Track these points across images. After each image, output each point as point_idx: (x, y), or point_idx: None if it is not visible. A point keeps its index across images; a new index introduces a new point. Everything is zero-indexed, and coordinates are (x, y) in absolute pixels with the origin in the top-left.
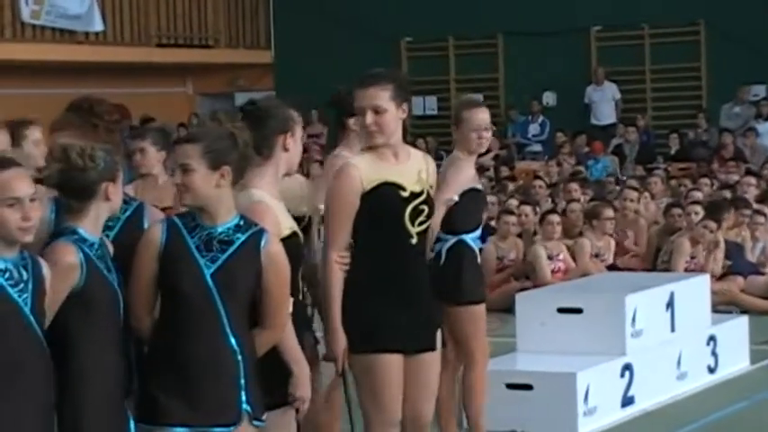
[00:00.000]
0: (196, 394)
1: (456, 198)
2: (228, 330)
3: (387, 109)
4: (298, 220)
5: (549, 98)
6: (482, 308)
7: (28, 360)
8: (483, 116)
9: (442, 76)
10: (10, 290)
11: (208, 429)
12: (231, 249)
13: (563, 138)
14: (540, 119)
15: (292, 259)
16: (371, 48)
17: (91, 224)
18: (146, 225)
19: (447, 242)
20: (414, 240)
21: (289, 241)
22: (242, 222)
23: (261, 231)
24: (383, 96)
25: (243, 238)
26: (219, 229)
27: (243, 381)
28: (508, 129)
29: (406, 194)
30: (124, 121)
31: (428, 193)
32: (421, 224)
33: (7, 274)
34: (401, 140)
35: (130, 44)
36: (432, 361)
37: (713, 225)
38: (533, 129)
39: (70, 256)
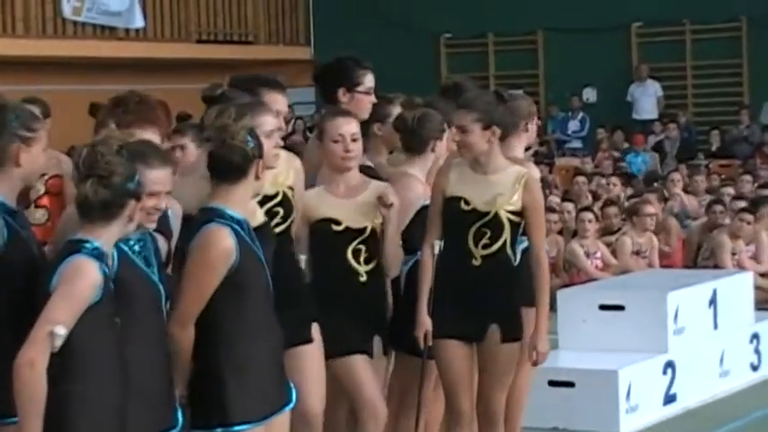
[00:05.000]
0: (270, 384)
1: None
2: (276, 315)
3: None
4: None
5: (589, 94)
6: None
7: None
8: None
9: (482, 72)
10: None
11: (277, 415)
12: (259, 236)
13: (603, 134)
14: (580, 115)
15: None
16: (411, 44)
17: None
18: (171, 220)
19: (522, 244)
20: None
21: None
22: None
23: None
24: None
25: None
26: (246, 219)
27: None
28: (548, 125)
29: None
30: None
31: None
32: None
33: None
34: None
35: (170, 40)
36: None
37: (750, 217)
38: (573, 125)
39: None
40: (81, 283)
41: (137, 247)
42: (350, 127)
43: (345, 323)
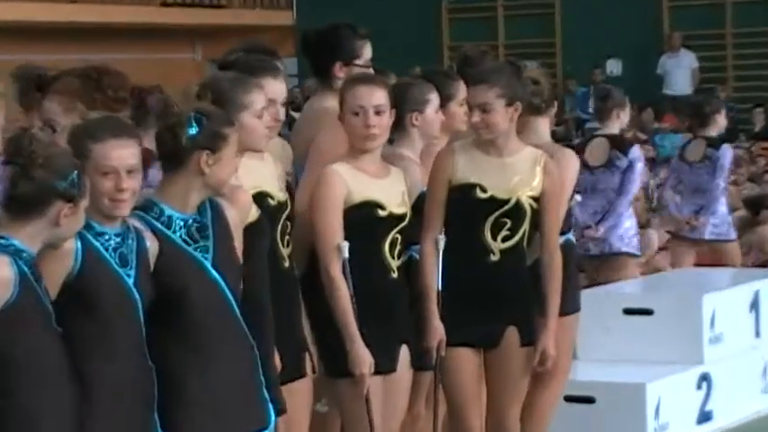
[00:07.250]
0: (233, 404)
1: (579, 198)
2: (243, 324)
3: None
4: None
5: (613, 66)
6: (577, 317)
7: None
8: None
9: (490, 41)
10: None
11: None
12: (211, 231)
13: (630, 112)
14: None
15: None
16: (408, 8)
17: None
18: None
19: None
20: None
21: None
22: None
23: (215, 202)
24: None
25: (210, 215)
26: (193, 217)
27: (260, 373)
28: (565, 102)
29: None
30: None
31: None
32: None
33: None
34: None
35: (131, 3)
36: None
37: None
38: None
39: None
40: None
41: (112, 243)
42: (372, 97)
43: (371, 335)
